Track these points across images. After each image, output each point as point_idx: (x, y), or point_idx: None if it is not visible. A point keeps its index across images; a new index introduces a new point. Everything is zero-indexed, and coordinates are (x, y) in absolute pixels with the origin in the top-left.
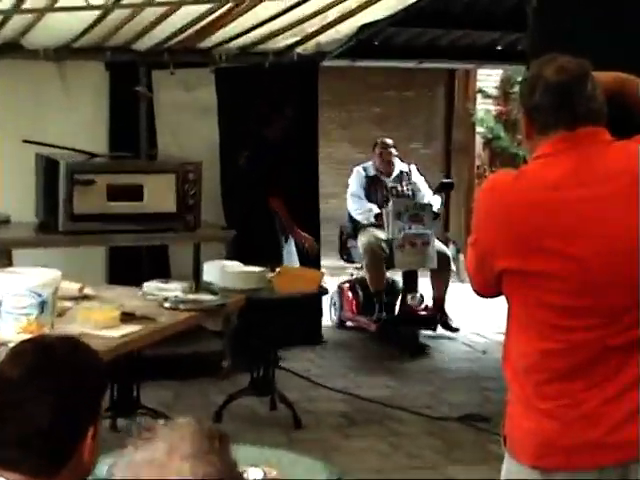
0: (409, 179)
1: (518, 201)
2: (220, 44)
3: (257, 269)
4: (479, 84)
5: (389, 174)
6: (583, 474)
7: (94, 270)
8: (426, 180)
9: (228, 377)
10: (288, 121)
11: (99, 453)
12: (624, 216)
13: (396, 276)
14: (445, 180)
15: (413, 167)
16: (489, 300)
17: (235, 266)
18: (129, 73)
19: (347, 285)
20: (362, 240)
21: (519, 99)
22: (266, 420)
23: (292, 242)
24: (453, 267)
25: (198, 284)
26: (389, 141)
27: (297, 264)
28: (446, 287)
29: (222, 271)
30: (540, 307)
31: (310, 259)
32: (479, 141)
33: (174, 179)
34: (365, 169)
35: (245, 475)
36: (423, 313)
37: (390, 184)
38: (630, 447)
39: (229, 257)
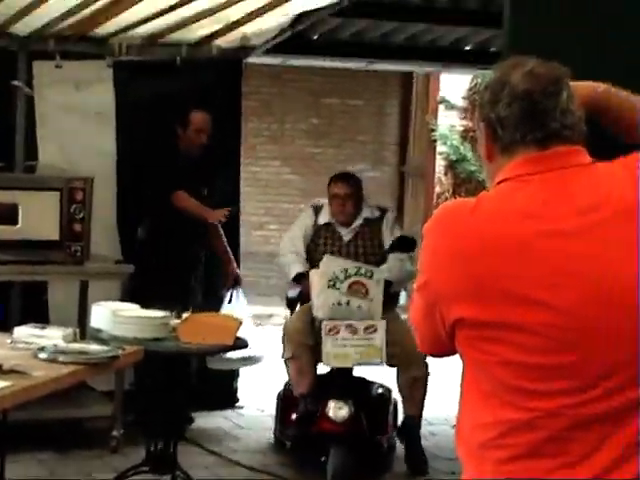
0: (377, 231)
1: (475, 235)
2: (120, 31)
3: (159, 314)
4: (442, 92)
5: (346, 224)
6: None
7: None
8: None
9: (118, 450)
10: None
11: None
12: (614, 256)
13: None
14: (404, 235)
15: (390, 215)
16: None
17: (131, 310)
18: (5, 63)
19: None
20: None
21: (479, 112)
22: None
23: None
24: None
25: (84, 331)
26: (343, 185)
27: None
28: (420, 402)
29: (115, 316)
30: (502, 366)
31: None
32: (440, 163)
33: (58, 199)
34: (317, 213)
35: None
36: (347, 430)
37: (346, 237)
38: None
39: (124, 299)
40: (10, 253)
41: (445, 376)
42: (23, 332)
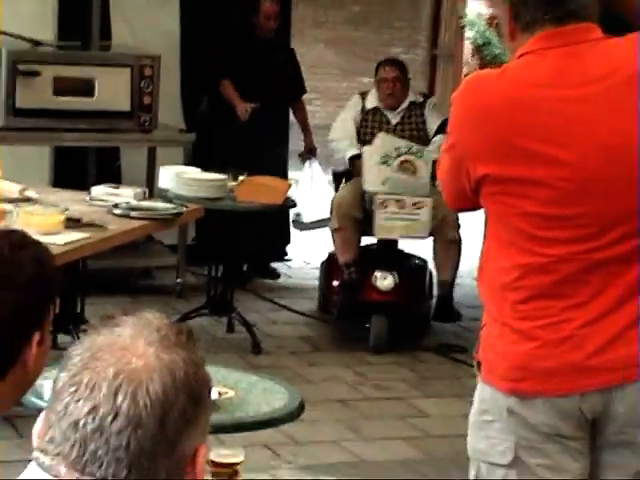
0: (421, 114)
1: (499, 99)
2: None
3: (218, 176)
4: None
5: (393, 107)
6: (563, 400)
7: (37, 171)
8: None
9: (182, 295)
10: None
11: (47, 360)
12: (617, 118)
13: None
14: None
15: (431, 100)
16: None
17: (193, 173)
18: None
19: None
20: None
21: None
22: (222, 343)
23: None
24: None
25: (152, 191)
26: (391, 69)
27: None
28: (454, 268)
29: (179, 178)
30: (521, 217)
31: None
32: (468, 47)
33: (129, 74)
34: (364, 98)
35: None
36: (391, 300)
37: (394, 120)
38: (614, 371)
39: (187, 163)
40: (87, 122)
41: (470, 233)
42: (99, 191)
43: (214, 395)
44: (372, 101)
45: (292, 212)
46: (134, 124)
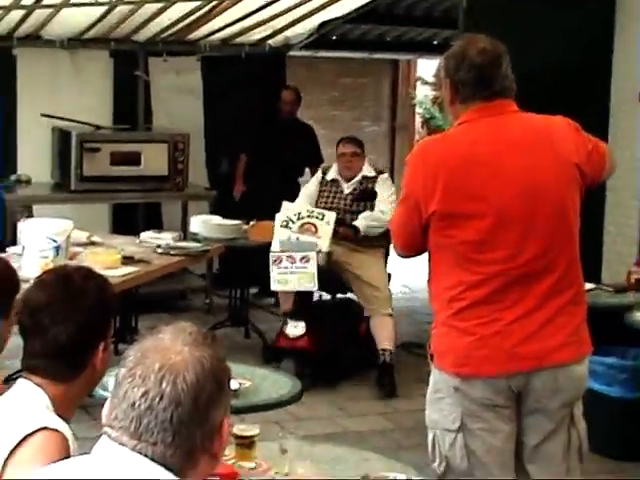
0: (372, 187)
1: (444, 154)
2: (206, 36)
3: (234, 222)
4: (419, 73)
5: (349, 179)
6: (496, 379)
7: (99, 222)
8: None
9: (210, 311)
10: (259, 101)
11: (110, 362)
12: (532, 166)
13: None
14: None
15: (383, 176)
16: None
17: (216, 219)
18: (130, 60)
19: None
20: None
21: (444, 71)
22: (241, 346)
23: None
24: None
25: (185, 234)
26: (349, 145)
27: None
28: (391, 339)
29: (205, 224)
30: (461, 244)
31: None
32: (418, 120)
33: (166, 147)
34: (325, 172)
35: None
36: (300, 346)
37: (347, 190)
38: (533, 359)
39: (212, 212)
40: (137, 184)
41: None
42: (147, 235)
43: (235, 385)
44: (332, 173)
45: None
46: (171, 185)
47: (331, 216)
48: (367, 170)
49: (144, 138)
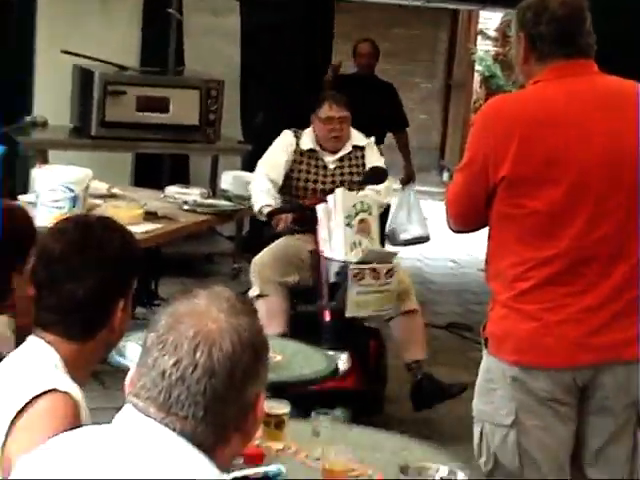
0: (362, 159)
1: (520, 114)
2: None
3: None
4: (480, 26)
5: (333, 151)
6: (559, 372)
7: (121, 173)
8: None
9: (237, 278)
10: (304, 49)
11: (128, 325)
12: (614, 129)
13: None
14: (377, 165)
15: (370, 141)
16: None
17: (249, 177)
18: None
19: None
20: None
21: (519, 25)
22: None
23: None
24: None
25: (215, 191)
26: (339, 108)
27: None
28: (421, 337)
29: (237, 180)
30: (531, 215)
31: None
32: (477, 79)
33: (198, 95)
34: (297, 137)
35: None
36: (343, 387)
37: (332, 165)
38: (605, 350)
39: (244, 168)
40: (163, 133)
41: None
42: (172, 190)
43: None
44: (307, 142)
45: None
46: (201, 136)
47: (376, 207)
48: (357, 137)
49: (174, 83)
